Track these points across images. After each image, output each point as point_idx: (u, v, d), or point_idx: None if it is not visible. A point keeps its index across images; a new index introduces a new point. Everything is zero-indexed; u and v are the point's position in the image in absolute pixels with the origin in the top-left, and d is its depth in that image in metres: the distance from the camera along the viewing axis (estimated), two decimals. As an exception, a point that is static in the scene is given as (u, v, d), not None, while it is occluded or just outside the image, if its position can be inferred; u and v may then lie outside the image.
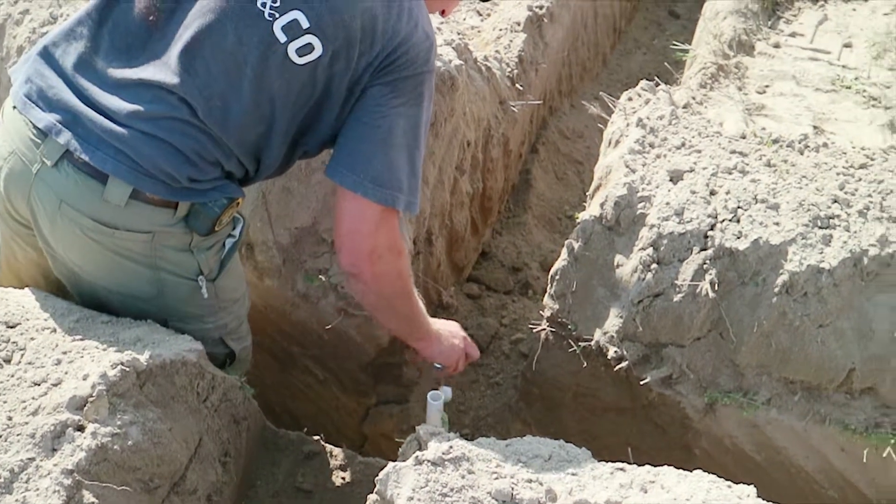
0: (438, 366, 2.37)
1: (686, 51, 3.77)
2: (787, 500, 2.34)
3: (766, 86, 3.43)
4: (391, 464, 1.62)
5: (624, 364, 2.30)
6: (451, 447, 1.65)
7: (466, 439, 2.67)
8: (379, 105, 1.89)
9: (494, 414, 2.91)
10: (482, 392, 2.98)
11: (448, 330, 2.36)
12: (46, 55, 1.90)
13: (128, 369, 1.74)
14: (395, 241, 2.01)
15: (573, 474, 1.68)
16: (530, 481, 1.63)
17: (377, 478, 1.61)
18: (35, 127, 1.85)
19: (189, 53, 1.82)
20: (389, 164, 1.90)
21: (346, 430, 2.92)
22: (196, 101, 1.82)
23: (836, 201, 2.26)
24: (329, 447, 2.39)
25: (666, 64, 4.02)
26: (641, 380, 2.30)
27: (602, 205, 2.32)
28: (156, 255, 1.92)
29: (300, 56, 1.84)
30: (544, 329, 2.47)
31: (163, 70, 1.83)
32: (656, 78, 2.89)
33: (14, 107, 1.90)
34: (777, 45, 3.70)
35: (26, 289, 2.03)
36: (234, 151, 1.90)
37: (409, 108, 1.91)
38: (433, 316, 3.06)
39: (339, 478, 2.32)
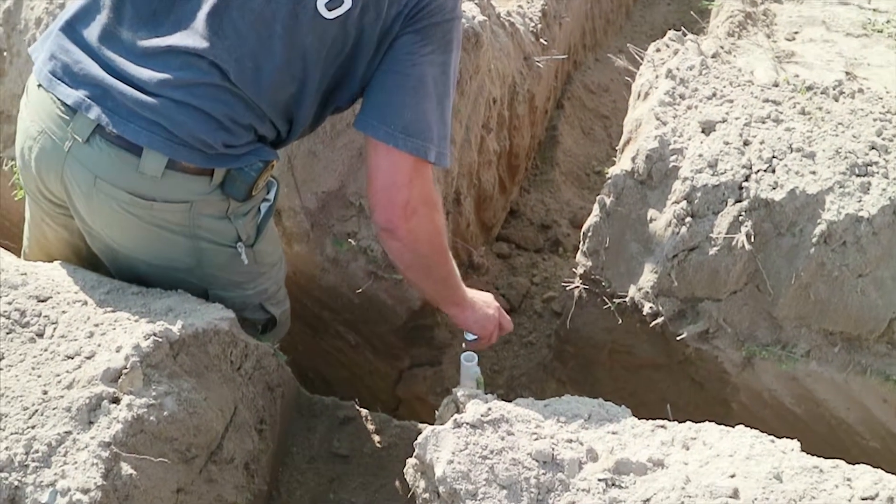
0: (471, 337, 2.33)
1: (712, -1, 3.70)
2: (827, 452, 2.30)
3: (796, 32, 3.36)
4: (429, 427, 1.61)
5: (660, 320, 2.27)
6: (489, 409, 1.64)
7: (502, 400, 2.68)
8: (410, 54, 1.85)
9: (529, 373, 2.89)
10: (515, 352, 2.96)
11: (483, 299, 2.31)
12: (69, 30, 1.87)
13: (160, 340, 1.73)
14: (429, 194, 1.96)
15: (613, 433, 1.66)
16: (570, 441, 1.61)
17: (416, 442, 1.60)
18: (63, 104, 1.81)
19: (216, 15, 1.78)
20: (421, 114, 1.86)
21: (379, 393, 2.92)
22: (227, 63, 1.78)
23: (873, 148, 2.21)
24: (364, 412, 2.39)
25: (692, 13, 3.94)
26: (677, 335, 2.27)
27: (633, 159, 2.28)
28: (194, 225, 1.89)
29: (329, 10, 1.79)
30: (578, 287, 2.44)
31: (191, 35, 1.79)
32: (682, 28, 2.83)
33: (39, 85, 1.87)
34: (806, -10, 3.62)
35: (56, 262, 2.02)
36: (266, 113, 1.86)
37: (439, 56, 1.87)
38: (463, 277, 3.05)
39: (374, 442, 2.32)
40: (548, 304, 3.09)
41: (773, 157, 2.18)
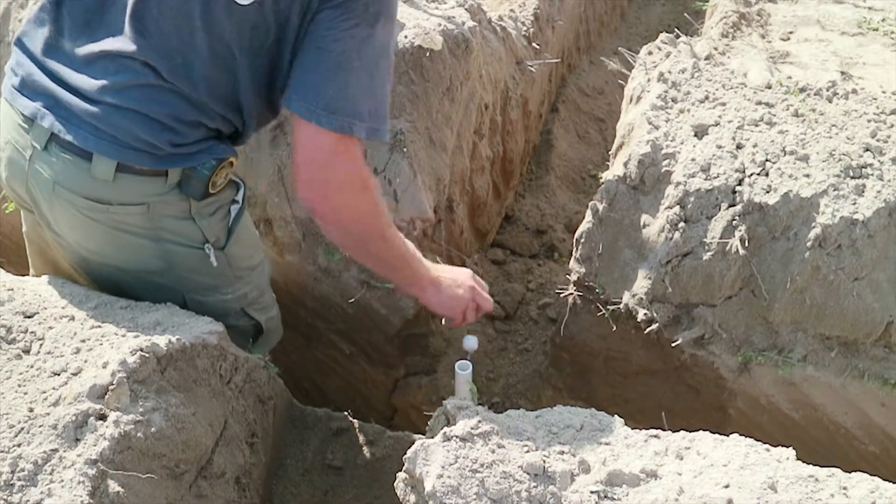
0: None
1: (706, 0, 3.68)
2: (826, 457, 2.29)
3: (790, 32, 3.33)
4: (419, 441, 1.59)
5: (654, 326, 2.25)
6: (479, 421, 1.61)
7: (497, 408, 2.66)
8: (330, 29, 1.80)
9: (525, 381, 2.87)
10: (511, 359, 2.94)
11: (451, 278, 2.22)
12: (20, 44, 1.91)
13: (147, 355, 1.71)
14: (355, 173, 1.88)
15: (606, 444, 1.64)
16: (562, 453, 1.59)
17: (405, 456, 1.58)
18: (22, 115, 1.86)
19: (138, 16, 1.78)
20: (344, 90, 1.79)
21: (375, 403, 2.90)
22: (157, 62, 1.78)
23: (867, 149, 2.19)
24: (357, 423, 2.37)
25: (685, 14, 3.92)
26: (673, 341, 2.25)
27: (625, 164, 2.26)
28: (156, 227, 1.90)
29: None
30: (571, 293, 2.42)
31: (121, 38, 1.79)
32: (676, 30, 2.81)
33: (6, 99, 1.92)
34: (800, -10, 3.60)
35: (43, 277, 2.01)
36: (211, 107, 1.85)
37: (363, 30, 1.80)
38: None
39: (368, 453, 2.30)
40: (543, 311, 3.07)
41: (767, 160, 2.16)
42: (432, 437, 1.61)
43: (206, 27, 1.77)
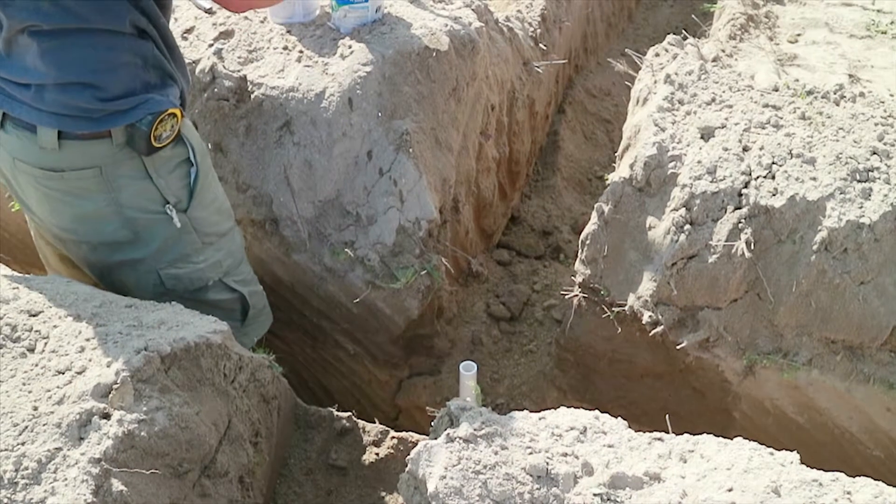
0: None
1: (714, 1, 3.67)
2: (830, 461, 2.29)
3: (798, 34, 3.33)
4: (422, 442, 1.59)
5: (659, 329, 2.25)
6: (483, 423, 1.61)
7: (501, 409, 2.65)
8: None
9: (529, 382, 2.87)
10: (516, 360, 2.94)
11: None
12: None
13: (151, 354, 1.71)
14: None
15: (609, 446, 1.63)
16: (566, 455, 1.59)
17: (409, 457, 1.58)
18: None
19: None
20: None
21: (379, 403, 2.90)
22: (32, 15, 1.77)
23: (874, 153, 2.18)
24: (361, 423, 2.36)
25: (693, 16, 3.91)
26: (678, 344, 2.25)
27: (631, 166, 2.26)
28: (113, 188, 1.93)
29: None
30: (576, 295, 2.42)
31: (5, 21, 1.81)
32: (684, 31, 2.81)
33: None
34: (808, -8, 3.59)
35: (49, 275, 2.02)
36: (99, 17, 1.80)
37: None
38: (462, 285, 3.04)
39: (372, 453, 2.29)
40: (548, 312, 3.07)
41: (773, 162, 2.16)
42: (436, 438, 1.61)
43: None
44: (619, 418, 1.72)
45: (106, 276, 2.10)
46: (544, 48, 3.31)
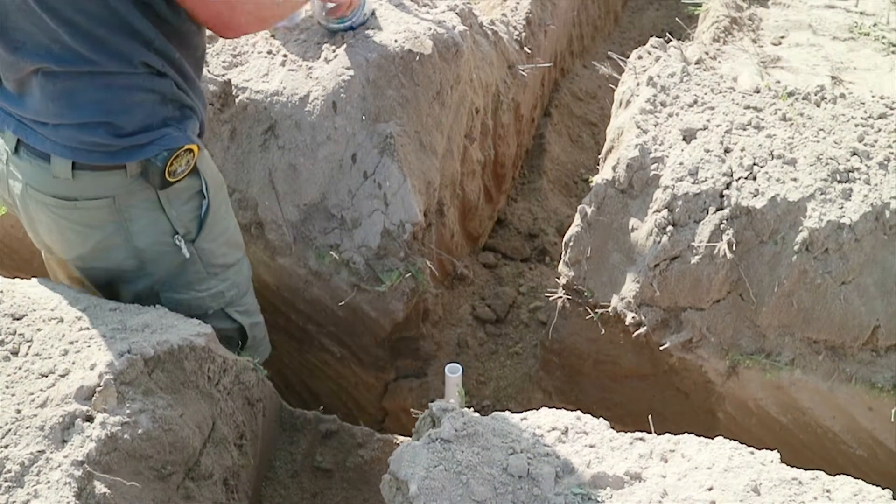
0: (331, 5, 2.44)
1: (698, 4, 3.69)
2: (814, 460, 2.30)
3: (782, 37, 3.35)
4: (403, 443, 1.59)
5: (642, 330, 2.26)
6: (464, 424, 1.62)
7: (487, 411, 2.66)
8: None
9: (515, 384, 2.87)
10: (502, 362, 2.95)
11: None
12: None
13: (135, 357, 1.72)
14: (230, 6, 1.80)
15: (591, 446, 1.64)
16: (547, 455, 1.60)
17: (390, 458, 1.58)
18: None
19: (3, 34, 1.76)
20: None
21: (366, 405, 2.90)
22: (45, 60, 1.75)
23: (855, 153, 2.19)
24: (347, 425, 2.37)
25: (677, 19, 3.93)
26: (661, 345, 2.26)
27: (614, 168, 2.27)
28: (124, 219, 1.92)
29: None
30: (560, 297, 2.43)
31: (13, 63, 1.79)
32: (669, 34, 2.82)
33: None
34: (792, -6, 3.61)
35: (33, 279, 2.02)
36: (110, 59, 1.77)
37: None
38: (448, 288, 3.04)
39: (357, 456, 2.30)
40: (534, 314, 3.08)
41: (754, 164, 2.17)
42: (418, 440, 1.61)
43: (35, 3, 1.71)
44: (602, 419, 1.73)
45: (107, 293, 2.07)
46: (529, 51, 3.32)
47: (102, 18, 1.72)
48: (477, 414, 1.71)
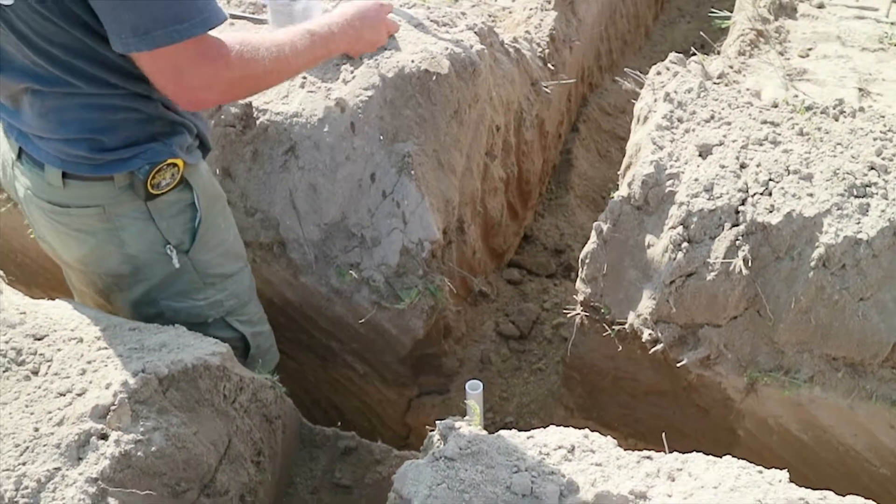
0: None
1: (726, 17, 3.67)
2: (837, 479, 2.28)
3: (809, 49, 3.31)
4: (407, 461, 1.61)
5: (659, 346, 2.25)
6: (469, 442, 1.63)
7: (509, 427, 2.66)
8: None
9: (538, 400, 2.88)
10: (525, 378, 2.95)
11: (357, 15, 2.20)
12: None
13: (149, 376, 1.76)
14: (212, 69, 1.74)
15: (597, 465, 1.65)
16: (552, 473, 1.60)
17: (394, 476, 1.60)
18: (2, 131, 2.06)
19: None
20: (139, 10, 1.64)
21: (390, 422, 2.92)
22: (31, 80, 1.81)
23: (872, 168, 2.17)
24: (365, 442, 2.39)
25: (702, 33, 3.91)
26: (678, 362, 2.25)
27: (630, 184, 2.27)
28: (115, 227, 1.98)
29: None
30: (579, 314, 2.43)
31: (3, 83, 1.88)
32: (699, 48, 2.81)
33: None
34: (821, 6, 3.57)
35: (57, 300, 2.07)
36: (87, 84, 1.80)
37: None
38: (473, 305, 3.05)
39: (376, 472, 2.32)
40: (557, 331, 3.08)
41: (770, 179, 2.16)
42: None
43: (14, 34, 1.75)
44: (609, 437, 1.73)
45: (113, 302, 2.15)
46: (553, 68, 3.33)
47: (77, 50, 1.77)
48: (484, 432, 1.72)
